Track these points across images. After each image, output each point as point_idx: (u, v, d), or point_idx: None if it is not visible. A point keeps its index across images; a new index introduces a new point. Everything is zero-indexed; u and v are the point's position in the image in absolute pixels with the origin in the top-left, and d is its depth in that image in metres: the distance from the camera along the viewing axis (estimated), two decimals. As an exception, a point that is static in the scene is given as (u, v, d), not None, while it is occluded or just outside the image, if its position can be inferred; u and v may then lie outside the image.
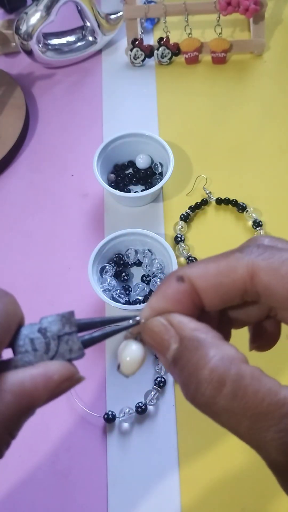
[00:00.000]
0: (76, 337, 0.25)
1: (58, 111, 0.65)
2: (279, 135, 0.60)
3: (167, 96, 0.65)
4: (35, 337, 0.25)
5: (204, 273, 0.24)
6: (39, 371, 0.24)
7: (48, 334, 0.25)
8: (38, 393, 0.23)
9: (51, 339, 0.25)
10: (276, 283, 0.23)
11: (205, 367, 0.21)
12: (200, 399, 0.21)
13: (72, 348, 0.25)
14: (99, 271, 0.49)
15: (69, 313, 0.26)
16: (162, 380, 0.45)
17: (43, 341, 0.25)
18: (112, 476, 0.42)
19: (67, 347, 0.25)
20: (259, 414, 0.21)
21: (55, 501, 0.42)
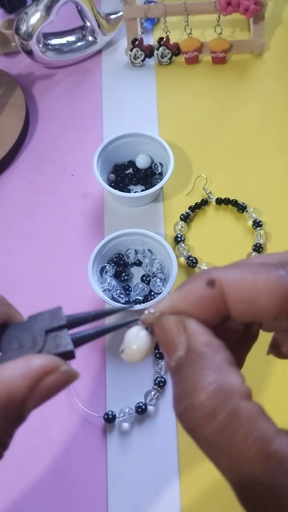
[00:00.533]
0: (64, 332, 0.24)
1: (58, 111, 0.65)
2: (279, 135, 0.60)
3: (167, 96, 0.65)
4: (21, 335, 0.24)
5: (238, 284, 0.21)
6: (17, 361, 0.23)
7: (34, 330, 0.24)
8: (15, 383, 0.22)
9: (37, 335, 0.24)
10: None
11: (202, 391, 0.20)
12: (187, 421, 0.20)
13: (60, 343, 0.24)
14: (99, 271, 0.49)
15: (56, 308, 0.25)
16: (162, 380, 0.45)
17: (30, 337, 0.24)
18: (112, 476, 0.42)
19: (55, 342, 0.24)
20: (243, 460, 0.19)
21: (55, 501, 0.42)
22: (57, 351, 0.24)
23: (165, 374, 0.46)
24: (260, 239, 0.52)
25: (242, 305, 0.22)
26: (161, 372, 0.46)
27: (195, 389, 0.20)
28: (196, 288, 0.22)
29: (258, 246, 0.51)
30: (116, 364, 0.47)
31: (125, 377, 0.46)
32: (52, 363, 0.23)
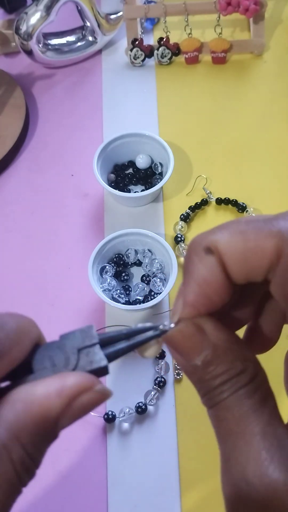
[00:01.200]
0: (97, 348, 0.24)
1: (58, 111, 0.65)
2: (279, 135, 0.60)
3: (167, 96, 0.65)
4: (53, 354, 0.24)
5: (231, 244, 0.22)
6: (52, 379, 0.23)
7: (67, 348, 0.24)
8: (50, 401, 0.22)
9: (70, 354, 0.24)
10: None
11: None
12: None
13: (93, 360, 0.24)
14: (99, 271, 0.49)
15: (88, 326, 0.25)
16: (162, 380, 0.45)
17: (62, 356, 0.24)
18: (112, 476, 0.42)
19: (88, 359, 0.24)
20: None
21: (55, 501, 0.42)
22: (91, 367, 0.24)
23: (165, 374, 0.46)
24: (260, 239, 0.52)
25: (238, 265, 0.22)
26: (161, 372, 0.46)
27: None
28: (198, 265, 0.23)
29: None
30: (116, 364, 0.47)
31: (125, 377, 0.46)
32: (88, 381, 0.23)
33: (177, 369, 0.46)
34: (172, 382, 0.46)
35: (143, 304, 0.46)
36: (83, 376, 0.23)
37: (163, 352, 0.46)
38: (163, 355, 0.46)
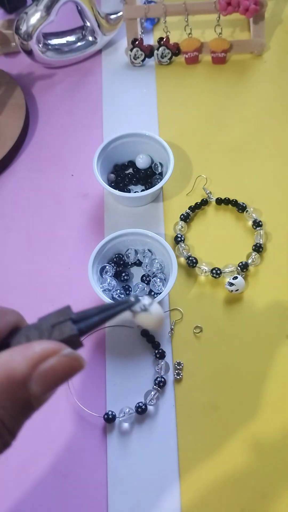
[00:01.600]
0: (69, 322, 0.25)
1: (58, 111, 0.65)
2: (279, 135, 0.60)
3: (167, 96, 0.65)
4: (29, 333, 0.25)
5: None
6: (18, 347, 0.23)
7: (42, 327, 0.25)
8: (14, 362, 0.22)
9: (44, 330, 0.25)
10: None
11: None
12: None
13: (64, 331, 0.25)
14: (99, 271, 0.49)
15: (64, 307, 0.26)
16: (162, 380, 0.45)
17: (37, 333, 0.25)
18: (112, 476, 0.42)
19: (60, 331, 0.25)
20: None
21: (55, 501, 0.42)
22: (61, 337, 0.24)
23: (165, 374, 0.46)
24: (260, 239, 0.52)
25: None
26: (161, 372, 0.46)
27: None
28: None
29: (258, 246, 0.51)
30: (116, 364, 0.47)
31: (125, 377, 0.46)
32: (53, 346, 0.23)
33: (177, 369, 0.46)
34: (172, 382, 0.46)
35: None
36: (50, 342, 0.23)
37: (163, 352, 0.46)
38: (163, 355, 0.46)
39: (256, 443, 0.43)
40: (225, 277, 0.50)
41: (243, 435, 0.43)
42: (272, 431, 0.43)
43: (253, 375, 0.46)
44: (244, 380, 0.45)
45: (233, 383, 0.45)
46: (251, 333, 0.48)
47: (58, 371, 0.23)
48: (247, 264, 0.50)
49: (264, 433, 0.43)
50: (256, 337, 0.47)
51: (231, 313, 0.49)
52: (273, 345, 0.47)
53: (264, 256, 0.52)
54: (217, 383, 0.45)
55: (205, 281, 0.51)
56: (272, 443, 0.43)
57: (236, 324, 0.48)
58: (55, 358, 0.23)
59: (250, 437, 0.43)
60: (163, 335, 0.48)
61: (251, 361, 0.46)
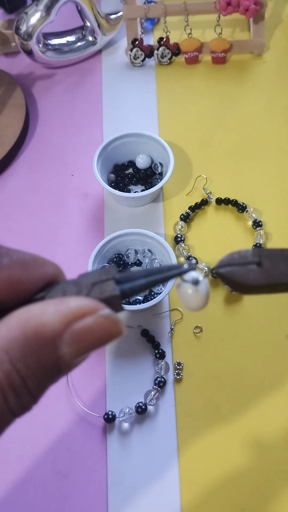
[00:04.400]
0: (111, 282, 0.22)
1: (58, 111, 0.65)
2: (279, 135, 0.60)
3: (167, 96, 0.65)
4: (67, 288, 0.23)
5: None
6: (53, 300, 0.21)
7: (82, 283, 0.23)
8: (46, 316, 0.20)
9: (83, 287, 0.22)
10: None
11: None
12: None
13: (105, 290, 0.22)
14: (99, 271, 0.49)
15: (110, 266, 0.24)
16: (162, 380, 0.45)
17: (75, 289, 0.22)
18: (112, 476, 0.42)
19: (100, 290, 0.22)
20: None
21: (55, 501, 0.42)
22: (101, 296, 0.22)
23: (165, 374, 0.46)
24: (260, 239, 0.52)
25: None
26: (161, 372, 0.46)
27: None
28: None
29: (258, 246, 0.51)
30: (116, 364, 0.47)
31: (125, 377, 0.46)
32: (91, 304, 0.20)
33: (177, 369, 0.46)
34: (172, 382, 0.46)
35: (143, 304, 0.46)
36: (88, 300, 0.21)
37: (163, 352, 0.46)
38: (163, 355, 0.46)
39: (256, 443, 0.43)
40: (225, 277, 0.50)
41: (243, 435, 0.43)
42: (272, 431, 0.43)
43: (253, 375, 0.46)
44: (244, 380, 0.46)
45: (233, 383, 0.45)
46: (251, 333, 0.48)
47: (93, 333, 0.20)
48: (247, 264, 0.50)
49: (264, 433, 0.43)
50: (256, 337, 0.47)
51: (231, 313, 0.49)
52: (273, 345, 0.47)
53: (264, 256, 0.52)
54: (217, 383, 0.45)
55: (205, 281, 0.51)
56: (272, 443, 0.43)
57: (236, 324, 0.48)
58: (91, 317, 0.20)
59: (250, 437, 0.43)
60: (163, 335, 0.48)
61: (251, 361, 0.47)
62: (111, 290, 0.22)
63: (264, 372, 0.46)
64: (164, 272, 0.24)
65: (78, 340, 0.20)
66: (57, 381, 0.21)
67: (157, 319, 0.49)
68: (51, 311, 0.20)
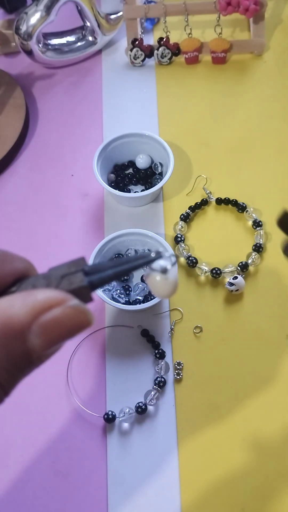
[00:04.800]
0: (80, 273, 0.23)
1: (58, 111, 0.65)
2: (279, 135, 0.60)
3: (167, 96, 0.65)
4: (37, 282, 0.23)
5: None
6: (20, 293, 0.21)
7: (51, 277, 0.23)
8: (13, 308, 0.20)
9: (53, 280, 0.23)
10: None
11: None
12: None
13: (73, 281, 0.22)
14: (99, 271, 0.49)
15: (78, 258, 0.24)
16: (162, 380, 0.45)
17: (44, 282, 0.23)
18: (112, 476, 0.42)
19: (68, 282, 0.22)
20: None
21: (55, 501, 0.42)
22: (70, 288, 0.22)
23: (165, 374, 0.46)
24: (260, 239, 0.52)
25: None
26: (161, 372, 0.46)
27: None
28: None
29: (258, 246, 0.51)
30: (116, 364, 0.47)
31: (125, 377, 0.46)
32: (58, 295, 0.21)
33: (177, 369, 0.46)
34: (172, 382, 0.46)
35: (143, 304, 0.46)
36: (55, 291, 0.21)
37: (163, 352, 0.46)
38: (163, 355, 0.46)
39: (256, 443, 0.43)
40: (225, 277, 0.50)
41: (243, 435, 0.43)
42: (272, 431, 0.43)
43: (253, 375, 0.46)
44: (244, 380, 0.45)
45: (233, 383, 0.45)
46: (251, 333, 0.48)
47: (62, 323, 0.20)
48: (247, 264, 0.50)
49: (264, 433, 0.43)
50: (256, 337, 0.47)
51: (231, 313, 0.49)
52: (273, 345, 0.47)
53: (264, 256, 0.52)
54: (217, 383, 0.45)
55: (205, 281, 0.51)
56: (272, 443, 0.43)
57: (236, 324, 0.48)
58: (59, 308, 0.20)
59: (250, 437, 0.43)
60: (163, 335, 0.48)
61: (251, 361, 0.47)
62: (79, 281, 0.22)
63: (264, 372, 0.46)
64: (132, 262, 0.24)
65: (46, 331, 0.20)
66: (29, 374, 0.21)
67: (157, 319, 0.49)
68: (18, 303, 0.20)
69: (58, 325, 0.20)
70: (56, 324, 0.20)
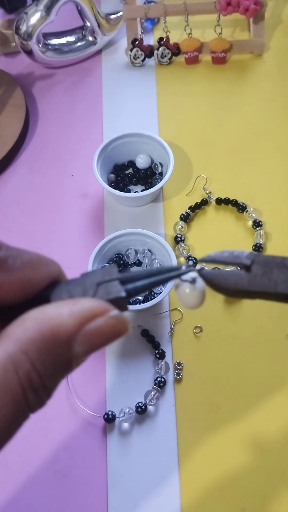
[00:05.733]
0: (116, 282, 0.23)
1: (58, 111, 0.65)
2: (279, 135, 0.60)
3: (167, 96, 0.65)
4: (72, 288, 0.24)
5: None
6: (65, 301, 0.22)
7: (86, 283, 0.24)
8: (61, 318, 0.21)
9: (88, 287, 0.23)
10: None
11: None
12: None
13: (111, 291, 0.23)
14: (99, 271, 0.49)
15: (110, 266, 0.24)
16: (162, 380, 0.45)
17: (80, 289, 0.23)
18: (112, 476, 0.42)
19: (106, 291, 0.23)
20: None
21: (55, 501, 0.42)
22: (108, 297, 0.23)
23: (165, 374, 0.46)
24: (260, 239, 0.52)
25: None
26: (161, 372, 0.46)
27: None
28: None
29: (258, 246, 0.51)
30: (116, 364, 0.47)
31: (125, 377, 0.46)
32: (101, 305, 0.22)
33: (177, 369, 0.46)
34: (172, 382, 0.46)
35: (143, 304, 0.46)
36: (98, 301, 0.22)
37: (163, 352, 0.46)
38: (163, 355, 0.46)
39: (256, 443, 0.43)
40: (225, 277, 0.50)
41: (243, 435, 0.43)
42: (272, 431, 0.43)
43: (253, 375, 0.46)
44: (244, 380, 0.45)
45: (233, 383, 0.45)
46: (251, 333, 0.48)
47: (104, 332, 0.22)
48: (247, 264, 0.50)
49: (264, 433, 0.43)
50: (256, 337, 0.47)
51: (231, 313, 0.49)
52: (273, 345, 0.47)
53: (264, 256, 0.52)
54: (217, 383, 0.45)
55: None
56: (272, 443, 0.43)
57: (236, 324, 0.48)
58: (102, 318, 0.22)
59: (250, 437, 0.43)
60: (163, 335, 0.48)
61: (251, 361, 0.47)
62: (117, 291, 0.23)
63: (264, 372, 0.46)
64: (164, 273, 0.25)
65: (90, 340, 0.21)
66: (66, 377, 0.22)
67: (157, 319, 0.49)
68: (66, 312, 0.21)
69: (101, 334, 0.22)
70: (99, 333, 0.21)
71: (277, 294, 0.25)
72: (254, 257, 0.25)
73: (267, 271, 0.25)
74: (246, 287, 0.25)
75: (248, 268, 0.25)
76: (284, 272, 0.25)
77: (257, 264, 0.25)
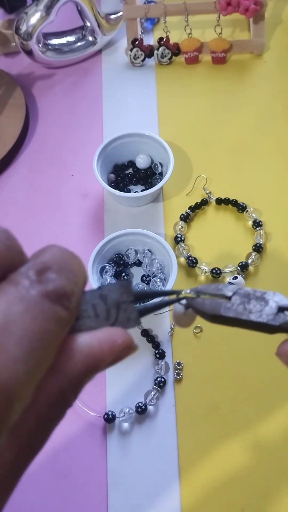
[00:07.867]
0: (133, 306, 0.26)
1: (58, 111, 0.65)
2: (279, 135, 0.60)
3: (167, 96, 0.65)
4: (97, 303, 0.26)
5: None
6: (104, 335, 0.24)
7: (108, 301, 0.26)
8: (103, 355, 0.24)
9: (111, 307, 0.26)
10: None
11: None
12: None
13: (130, 317, 0.26)
14: (99, 271, 0.49)
15: (127, 282, 0.26)
16: (162, 380, 0.45)
17: (104, 308, 0.26)
18: (112, 476, 0.42)
19: (125, 315, 0.26)
20: None
21: (55, 501, 0.42)
22: (128, 325, 0.26)
23: (165, 374, 0.46)
24: (260, 239, 0.52)
25: None
26: (161, 372, 0.46)
27: None
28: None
29: (258, 246, 0.51)
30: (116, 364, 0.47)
31: (125, 377, 0.46)
32: (129, 340, 0.25)
33: (177, 369, 0.46)
34: (172, 382, 0.46)
35: (143, 304, 0.46)
36: (126, 335, 0.25)
37: (163, 352, 0.46)
38: (163, 355, 0.46)
39: (256, 443, 0.43)
40: (225, 277, 0.50)
41: (243, 435, 0.43)
42: (272, 431, 0.43)
43: (253, 375, 0.46)
44: (244, 380, 0.46)
45: (233, 383, 0.45)
46: (251, 333, 0.48)
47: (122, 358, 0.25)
48: (247, 264, 0.50)
49: (264, 433, 0.43)
50: (256, 337, 0.47)
51: (231, 313, 0.49)
52: (273, 345, 0.47)
53: (264, 256, 0.52)
54: (217, 383, 0.45)
55: (205, 281, 0.51)
56: (272, 443, 0.43)
57: (236, 324, 0.48)
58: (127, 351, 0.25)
59: (250, 437, 0.43)
60: (163, 335, 0.48)
61: (251, 361, 0.47)
62: (135, 317, 0.26)
63: (264, 372, 0.46)
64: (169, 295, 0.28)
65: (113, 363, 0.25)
66: None
67: (157, 319, 0.49)
68: (107, 350, 0.24)
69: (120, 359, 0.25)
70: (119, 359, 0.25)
71: (248, 321, 0.28)
72: (236, 290, 0.28)
73: (245, 301, 0.28)
74: (219, 313, 0.28)
75: (230, 298, 0.28)
76: (261, 303, 0.28)
77: (238, 295, 0.28)
